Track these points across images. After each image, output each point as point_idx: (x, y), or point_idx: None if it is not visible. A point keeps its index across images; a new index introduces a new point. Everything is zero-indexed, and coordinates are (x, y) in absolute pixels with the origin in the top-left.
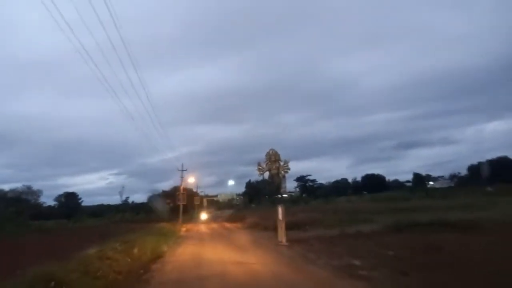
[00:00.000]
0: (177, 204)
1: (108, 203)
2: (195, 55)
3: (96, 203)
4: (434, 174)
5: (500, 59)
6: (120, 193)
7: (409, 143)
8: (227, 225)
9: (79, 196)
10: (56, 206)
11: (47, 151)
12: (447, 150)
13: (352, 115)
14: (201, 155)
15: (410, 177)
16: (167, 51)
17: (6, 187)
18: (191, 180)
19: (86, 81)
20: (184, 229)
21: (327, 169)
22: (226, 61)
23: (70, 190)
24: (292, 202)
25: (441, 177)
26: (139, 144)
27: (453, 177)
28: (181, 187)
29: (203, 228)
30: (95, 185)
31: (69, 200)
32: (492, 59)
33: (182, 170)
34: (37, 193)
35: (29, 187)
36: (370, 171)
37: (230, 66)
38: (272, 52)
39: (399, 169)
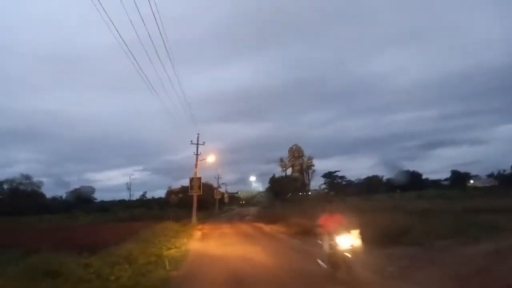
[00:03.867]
0: (191, 196)
1: (129, 199)
2: (222, 53)
3: (117, 199)
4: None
5: None
6: (128, 187)
7: (435, 142)
8: (265, 227)
9: (94, 191)
10: (67, 199)
11: (75, 147)
12: (475, 150)
13: (377, 114)
14: (223, 153)
15: (439, 176)
16: (196, 50)
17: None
18: (210, 159)
19: (118, 77)
20: (199, 233)
21: (351, 168)
22: (252, 60)
23: (94, 185)
24: (323, 199)
25: (476, 176)
26: (164, 141)
27: (495, 176)
28: (196, 168)
29: (228, 232)
30: (120, 181)
31: (83, 195)
32: None
33: (198, 144)
34: (37, 184)
35: (27, 177)
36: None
37: (255, 65)
38: (298, 52)
39: (425, 168)
